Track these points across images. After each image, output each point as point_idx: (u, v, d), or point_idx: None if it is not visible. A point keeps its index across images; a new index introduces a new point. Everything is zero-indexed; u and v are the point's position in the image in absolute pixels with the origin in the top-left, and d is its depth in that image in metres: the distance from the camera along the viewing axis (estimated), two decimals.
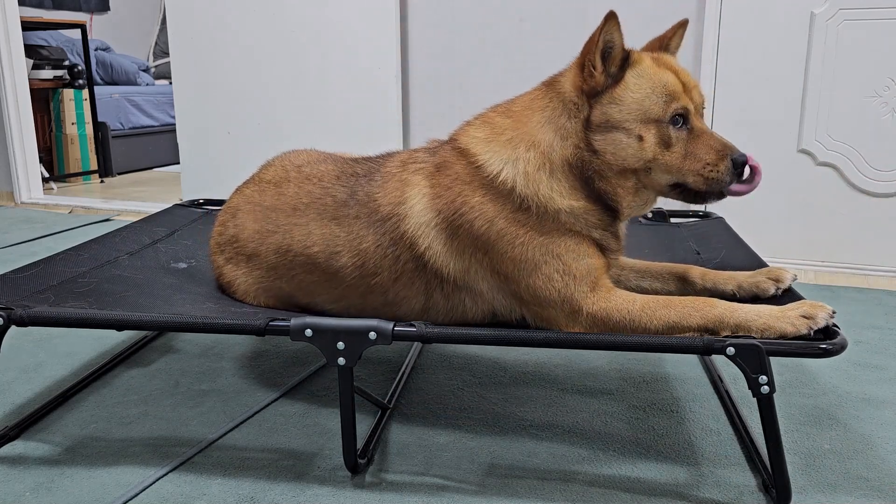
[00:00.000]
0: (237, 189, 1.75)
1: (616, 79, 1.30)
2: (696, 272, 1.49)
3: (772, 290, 1.43)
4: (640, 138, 1.29)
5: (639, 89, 1.29)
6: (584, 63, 1.31)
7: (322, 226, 1.51)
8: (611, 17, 1.25)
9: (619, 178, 1.33)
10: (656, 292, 1.51)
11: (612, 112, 1.30)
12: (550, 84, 1.40)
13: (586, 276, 1.31)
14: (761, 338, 1.21)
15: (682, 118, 1.30)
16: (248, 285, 1.62)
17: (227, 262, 1.65)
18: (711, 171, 1.29)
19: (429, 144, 1.53)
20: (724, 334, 1.24)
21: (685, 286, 1.50)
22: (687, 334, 1.25)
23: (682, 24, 1.42)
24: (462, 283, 1.39)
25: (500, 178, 1.33)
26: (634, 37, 1.34)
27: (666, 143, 1.30)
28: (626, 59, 1.31)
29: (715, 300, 1.28)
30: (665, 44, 1.42)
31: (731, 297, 1.43)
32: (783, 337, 1.21)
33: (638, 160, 1.30)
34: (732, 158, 1.29)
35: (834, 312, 1.25)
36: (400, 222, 1.41)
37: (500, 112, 1.43)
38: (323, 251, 1.50)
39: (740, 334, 1.23)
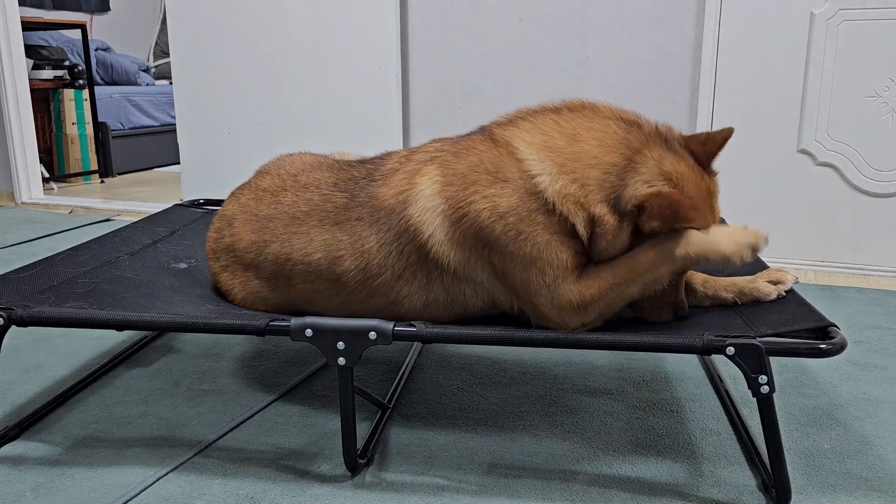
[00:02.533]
0: (232, 194, 1.73)
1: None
2: (698, 279, 1.49)
3: (773, 295, 1.42)
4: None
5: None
6: (656, 216, 1.25)
7: (323, 232, 1.49)
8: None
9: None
10: None
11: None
12: (630, 159, 1.30)
13: (573, 271, 1.32)
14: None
15: None
16: (246, 294, 1.61)
17: (223, 270, 1.65)
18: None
19: (432, 142, 1.51)
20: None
21: (686, 293, 1.49)
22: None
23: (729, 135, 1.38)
24: (462, 273, 1.39)
25: (537, 182, 1.30)
26: (634, 35, 1.33)
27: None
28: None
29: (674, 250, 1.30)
30: (709, 154, 1.36)
31: (733, 305, 1.44)
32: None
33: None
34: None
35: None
36: (405, 210, 1.39)
37: (562, 133, 1.35)
38: (325, 257, 1.48)
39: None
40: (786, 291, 1.43)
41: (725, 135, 1.35)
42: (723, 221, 2.15)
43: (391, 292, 1.44)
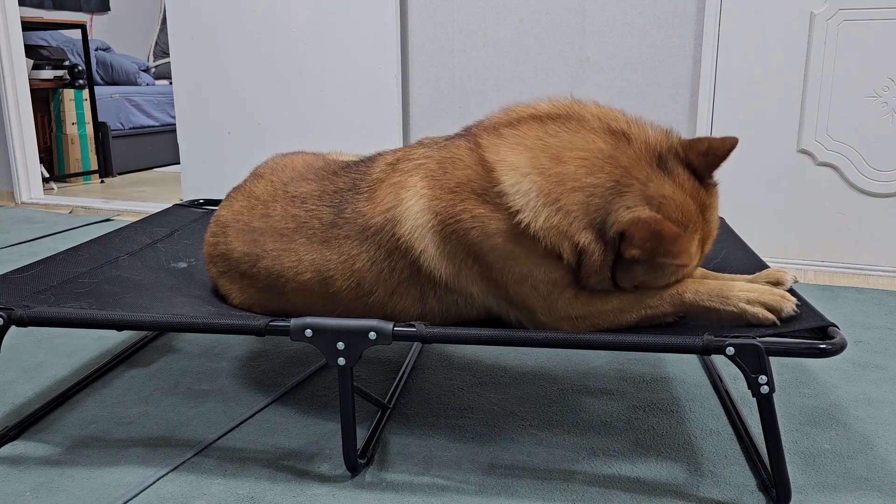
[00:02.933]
0: (227, 197, 1.71)
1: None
2: (697, 276, 1.48)
3: None
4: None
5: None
6: (649, 246, 1.20)
7: (312, 251, 1.47)
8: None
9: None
10: None
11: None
12: (617, 179, 1.26)
13: (569, 286, 1.32)
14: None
15: None
16: (243, 300, 1.60)
17: (220, 276, 1.64)
18: None
19: (416, 146, 1.50)
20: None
21: None
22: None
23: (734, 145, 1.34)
24: (454, 286, 1.39)
25: (520, 219, 1.28)
26: (634, 35, 1.33)
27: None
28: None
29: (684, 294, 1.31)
30: (710, 165, 1.31)
31: None
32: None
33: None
34: None
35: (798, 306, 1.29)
36: (395, 228, 1.38)
37: (547, 148, 1.30)
38: (315, 277, 1.47)
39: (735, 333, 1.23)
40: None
41: (729, 146, 1.29)
42: (722, 220, 2.15)
43: (386, 308, 1.44)
